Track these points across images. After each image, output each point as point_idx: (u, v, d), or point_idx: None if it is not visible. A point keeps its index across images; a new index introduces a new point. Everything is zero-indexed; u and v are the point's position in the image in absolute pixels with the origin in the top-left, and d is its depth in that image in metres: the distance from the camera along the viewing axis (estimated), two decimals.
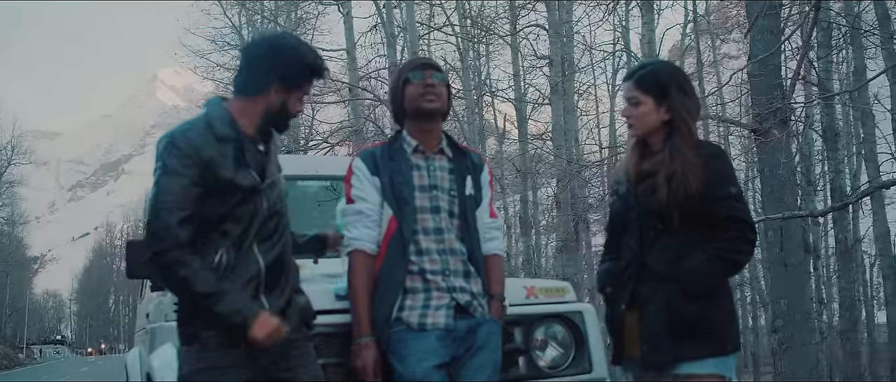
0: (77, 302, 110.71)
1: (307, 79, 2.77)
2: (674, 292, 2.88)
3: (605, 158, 16.39)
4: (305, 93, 2.78)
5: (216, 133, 2.66)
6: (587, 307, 3.47)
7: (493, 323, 2.98)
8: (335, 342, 3.03)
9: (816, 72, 12.95)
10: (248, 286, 2.65)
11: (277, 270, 2.73)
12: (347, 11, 17.70)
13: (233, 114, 2.73)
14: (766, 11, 9.20)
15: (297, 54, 2.74)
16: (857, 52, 17.73)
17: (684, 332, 2.86)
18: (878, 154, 18.34)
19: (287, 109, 2.75)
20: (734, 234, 2.93)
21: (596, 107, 25.39)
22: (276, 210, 2.74)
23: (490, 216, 3.15)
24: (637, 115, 3.03)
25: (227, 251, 2.64)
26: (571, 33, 18.99)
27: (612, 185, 3.32)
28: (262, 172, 2.71)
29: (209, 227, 2.64)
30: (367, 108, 18.62)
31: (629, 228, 3.04)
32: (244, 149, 2.69)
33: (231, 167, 2.63)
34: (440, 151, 3.10)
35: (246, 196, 2.65)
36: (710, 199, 2.90)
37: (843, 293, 15.31)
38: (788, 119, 9.16)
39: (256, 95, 2.73)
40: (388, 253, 2.96)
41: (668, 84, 3.02)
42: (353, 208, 3.03)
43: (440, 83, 3.04)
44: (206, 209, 2.62)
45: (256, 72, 2.74)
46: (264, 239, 2.70)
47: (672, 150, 2.95)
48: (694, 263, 2.90)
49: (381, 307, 2.91)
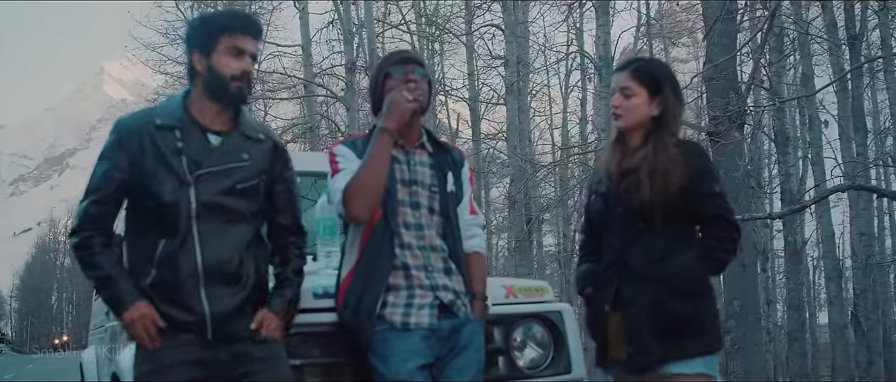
0: (18, 300, 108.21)
1: (221, 33, 2.68)
2: (660, 291, 2.86)
3: (560, 159, 16.47)
4: (235, 50, 2.68)
5: (157, 121, 2.66)
6: (566, 307, 3.44)
7: (476, 323, 2.92)
8: (313, 342, 2.96)
9: (769, 77, 13.14)
10: (188, 280, 2.59)
11: (227, 267, 2.63)
12: (303, 7, 17.54)
13: (187, 106, 2.72)
14: (723, 16, 9.32)
15: (201, 17, 2.78)
16: (806, 58, 18.11)
17: (672, 332, 2.84)
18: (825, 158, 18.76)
19: (217, 72, 2.67)
20: (721, 233, 2.94)
21: (549, 108, 25.52)
22: (214, 204, 2.63)
23: (471, 213, 3.10)
24: (628, 106, 2.99)
25: (167, 242, 2.59)
26: (527, 33, 19.05)
27: (590, 184, 3.26)
28: (198, 163, 2.63)
29: (146, 216, 2.63)
30: (321, 105, 18.49)
31: (611, 227, 3.00)
32: (186, 138, 2.64)
33: (162, 155, 2.61)
34: (421, 146, 3.03)
35: (173, 186, 2.60)
36: (697, 196, 2.90)
37: (791, 294, 15.59)
38: (745, 123, 9.30)
39: (193, 77, 2.73)
40: (372, 240, 2.86)
41: (662, 79, 3.02)
42: (344, 172, 2.88)
43: (422, 79, 2.96)
44: (141, 197, 2.64)
45: (187, 56, 2.76)
46: (208, 233, 2.61)
47: (657, 146, 2.93)
48: (682, 262, 2.88)
49: (365, 300, 2.81)
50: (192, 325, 2.59)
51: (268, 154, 2.79)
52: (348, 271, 2.90)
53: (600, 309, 2.99)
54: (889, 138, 22.38)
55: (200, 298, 2.59)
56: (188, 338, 2.59)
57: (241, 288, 2.66)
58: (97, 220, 2.65)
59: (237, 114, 2.78)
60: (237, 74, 2.68)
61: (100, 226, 2.66)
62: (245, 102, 2.80)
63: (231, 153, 2.70)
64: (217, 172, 2.66)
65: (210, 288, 2.60)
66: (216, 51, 2.68)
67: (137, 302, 2.58)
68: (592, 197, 3.15)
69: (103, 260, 2.63)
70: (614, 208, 2.99)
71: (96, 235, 2.64)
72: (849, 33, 15.21)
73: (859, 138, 15.47)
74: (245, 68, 2.70)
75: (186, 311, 2.59)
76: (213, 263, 2.61)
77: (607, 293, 2.97)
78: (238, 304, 2.64)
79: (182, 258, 2.59)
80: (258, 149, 2.76)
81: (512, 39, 17.22)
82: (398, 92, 2.86)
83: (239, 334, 2.64)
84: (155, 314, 2.58)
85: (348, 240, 2.96)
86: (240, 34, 2.70)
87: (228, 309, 2.62)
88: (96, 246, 2.63)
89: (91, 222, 2.65)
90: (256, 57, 2.81)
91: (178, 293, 2.59)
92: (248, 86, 2.74)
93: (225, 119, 2.75)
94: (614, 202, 2.99)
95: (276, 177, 2.81)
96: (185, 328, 2.59)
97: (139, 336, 2.58)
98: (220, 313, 2.60)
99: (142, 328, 2.57)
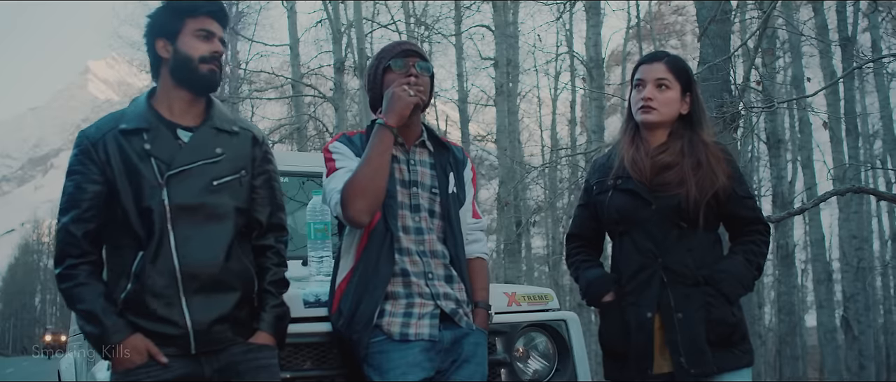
0: (1, 301, 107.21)
1: (186, 15, 2.52)
2: (711, 296, 2.68)
3: (551, 161, 16.34)
4: (202, 33, 2.52)
5: (122, 127, 2.47)
6: (571, 315, 3.26)
7: (479, 334, 2.73)
8: (305, 353, 2.78)
9: (761, 79, 13.05)
10: (166, 289, 2.37)
11: (208, 271, 2.41)
12: (291, 7, 17.37)
13: (153, 104, 2.54)
14: (717, 17, 9.21)
15: (165, 4, 2.58)
16: (797, 60, 18.06)
17: (723, 340, 2.67)
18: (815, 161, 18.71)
19: (184, 54, 2.50)
20: (759, 237, 2.80)
21: (539, 110, 25.43)
22: (189, 205, 2.42)
23: (473, 216, 2.90)
24: (664, 99, 2.82)
25: (144, 253, 2.38)
26: (517, 34, 18.93)
27: (599, 178, 2.98)
28: (167, 164, 2.43)
29: (117, 228, 2.43)
30: (308, 106, 18.32)
31: (641, 226, 2.78)
32: (154, 139, 2.46)
33: (130, 161, 2.42)
34: (421, 144, 2.83)
35: (145, 192, 2.40)
36: (735, 198, 2.77)
37: (782, 298, 15.49)
38: (739, 125, 9.19)
39: (158, 68, 2.56)
40: (370, 244, 2.64)
41: (692, 76, 2.88)
42: (342, 171, 2.67)
43: (424, 73, 2.76)
44: (111, 208, 2.43)
45: (149, 48, 2.57)
46: (185, 236, 2.40)
47: (694, 142, 2.78)
48: (733, 265, 2.73)
49: (363, 309, 2.59)
50: (173, 339, 2.38)
51: (246, 146, 2.59)
52: (344, 277, 2.69)
53: (640, 316, 2.74)
54: (878, 141, 22.43)
55: (181, 309, 2.38)
56: (169, 352, 2.37)
57: (227, 293, 2.44)
58: (80, 243, 2.42)
59: (209, 106, 2.60)
60: (206, 56, 2.51)
61: (84, 251, 2.43)
62: (216, 87, 2.60)
63: (201, 147, 2.50)
64: (188, 170, 2.46)
65: (191, 296, 2.40)
66: (182, 34, 2.52)
67: (130, 337, 2.36)
68: (611, 194, 2.88)
69: (87, 293, 2.38)
70: (647, 206, 2.77)
71: (81, 263, 2.42)
72: (841, 36, 15.14)
73: (851, 141, 15.41)
74: (216, 49, 2.54)
75: (166, 324, 2.37)
76: (193, 268, 2.40)
77: (647, 298, 2.74)
78: (224, 313, 2.43)
79: (159, 266, 2.38)
80: (234, 142, 2.56)
81: (501, 40, 17.09)
82: (399, 86, 2.67)
83: (225, 339, 2.43)
84: (150, 344, 2.36)
85: (343, 245, 2.75)
86: (206, 16, 2.54)
87: (213, 318, 2.41)
88: (81, 277, 2.40)
89: (74, 246, 2.42)
90: (225, 43, 2.63)
91: (157, 305, 2.37)
92: (220, 69, 2.56)
93: (197, 112, 2.57)
94: (648, 199, 2.78)
95: (256, 170, 2.60)
96: (165, 342, 2.38)
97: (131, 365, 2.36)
98: (203, 323, 2.40)
99: (138, 360, 2.35)
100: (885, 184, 20.34)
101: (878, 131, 21.40)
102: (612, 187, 2.89)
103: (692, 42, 27.65)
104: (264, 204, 2.61)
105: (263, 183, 2.62)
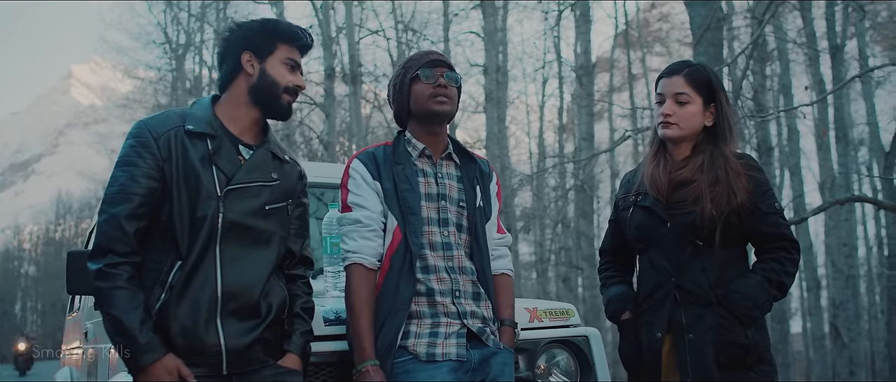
0: None
1: (282, 41, 2.50)
2: (722, 317, 2.61)
3: (540, 168, 16.33)
4: (291, 63, 2.50)
5: (188, 128, 2.37)
6: (593, 331, 3.18)
7: (506, 353, 2.64)
8: (324, 372, 2.68)
9: (752, 87, 13.06)
10: (203, 308, 2.28)
11: (249, 296, 2.35)
12: (280, 11, 17.25)
13: (217, 113, 2.46)
14: (711, 25, 9.20)
15: (262, 20, 2.53)
16: (785, 68, 18.15)
17: (734, 361, 2.59)
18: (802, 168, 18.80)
19: (271, 78, 2.46)
20: (783, 254, 2.69)
21: (527, 116, 25.43)
22: (241, 224, 2.36)
23: (498, 231, 2.82)
24: (684, 115, 2.75)
25: (182, 264, 2.29)
26: (506, 41, 18.89)
27: (624, 194, 2.95)
28: (228, 178, 2.37)
29: (158, 231, 2.32)
30: (296, 113, 18.19)
31: (658, 245, 2.73)
32: (218, 149, 2.38)
33: (191, 164, 2.33)
34: (448, 157, 2.75)
35: (200, 201, 2.31)
36: (758, 214, 2.68)
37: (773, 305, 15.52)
38: None
39: (235, 78, 2.49)
40: (391, 268, 2.56)
41: (716, 87, 2.78)
42: (351, 216, 2.61)
43: (452, 83, 2.68)
44: (158, 209, 2.32)
45: (228, 56, 2.50)
46: (231, 256, 2.33)
47: (715, 156, 2.70)
48: (747, 286, 2.63)
49: (386, 332, 2.50)
50: (204, 358, 2.30)
51: (293, 177, 2.57)
52: None
53: (653, 336, 2.70)
54: (863, 148, 22.56)
55: (217, 331, 2.30)
56: (199, 373, 2.28)
57: (261, 320, 2.38)
58: (130, 240, 2.27)
59: (266, 130, 2.56)
60: (290, 87, 2.50)
61: (131, 249, 2.28)
62: (288, 119, 2.59)
63: (260, 168, 2.45)
64: (247, 188, 2.40)
65: (227, 319, 2.32)
66: (272, 57, 2.49)
67: (162, 359, 2.23)
68: (632, 211, 2.85)
69: (124, 300, 2.22)
70: (663, 224, 2.73)
71: (124, 263, 2.27)
72: (830, 43, 15.21)
73: (840, 149, 15.47)
74: (300, 84, 2.53)
75: (199, 343, 2.29)
76: (235, 289, 2.33)
77: (659, 317, 2.69)
78: (258, 335, 2.36)
79: (199, 281, 2.30)
80: (285, 171, 2.54)
81: (491, 47, 17.04)
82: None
83: (257, 360, 2.36)
84: (180, 364, 2.25)
85: None
86: (298, 48, 2.54)
87: (249, 341, 2.34)
88: (121, 279, 2.24)
89: (122, 242, 2.26)
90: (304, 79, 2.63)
91: (192, 323, 2.28)
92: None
93: (256, 133, 2.53)
94: (664, 217, 2.73)
95: (296, 202, 2.58)
96: (196, 362, 2.28)
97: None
98: (238, 345, 2.33)
99: (168, 379, 2.23)
100: (872, 191, 20.47)
101: (865, 139, 21.53)
102: (633, 204, 2.85)
103: (678, 49, 27.76)
104: (298, 236, 2.57)
105: (299, 215, 2.59)
